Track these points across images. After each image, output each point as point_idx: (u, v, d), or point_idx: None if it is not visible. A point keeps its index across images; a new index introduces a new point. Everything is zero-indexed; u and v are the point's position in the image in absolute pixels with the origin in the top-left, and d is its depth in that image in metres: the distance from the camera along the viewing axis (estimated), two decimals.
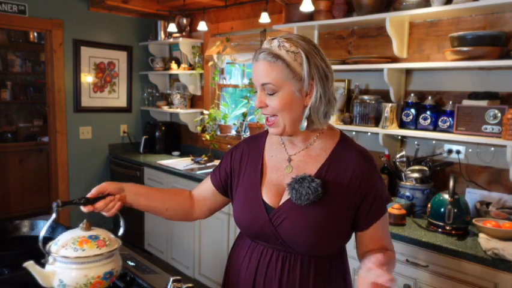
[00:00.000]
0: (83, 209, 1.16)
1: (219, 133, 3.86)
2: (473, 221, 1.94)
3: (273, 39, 1.08)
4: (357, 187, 1.10)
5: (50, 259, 1.12)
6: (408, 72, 2.54)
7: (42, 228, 1.15)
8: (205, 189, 1.35)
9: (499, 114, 2.03)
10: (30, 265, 1.08)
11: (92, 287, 1.09)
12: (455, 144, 2.33)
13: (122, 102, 4.29)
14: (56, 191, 3.95)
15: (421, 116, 2.35)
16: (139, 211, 1.44)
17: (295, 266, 1.13)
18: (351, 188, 1.10)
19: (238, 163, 1.28)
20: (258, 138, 1.30)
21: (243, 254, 1.23)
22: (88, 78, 4.00)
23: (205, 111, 3.96)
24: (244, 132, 3.62)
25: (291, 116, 1.09)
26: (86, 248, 1.10)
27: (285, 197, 1.13)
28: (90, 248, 1.10)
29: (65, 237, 1.13)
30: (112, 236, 1.19)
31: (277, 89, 1.06)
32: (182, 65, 4.03)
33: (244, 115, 3.59)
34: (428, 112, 2.33)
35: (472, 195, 2.23)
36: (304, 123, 1.10)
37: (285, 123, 1.10)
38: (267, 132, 1.29)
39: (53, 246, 1.12)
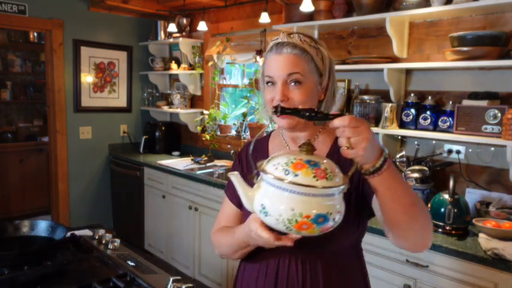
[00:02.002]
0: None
1: (219, 133, 3.86)
2: (473, 221, 1.94)
3: (290, 34, 1.10)
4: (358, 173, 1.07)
5: (259, 178, 0.93)
6: (408, 72, 2.54)
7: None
8: (232, 215, 1.24)
9: (499, 114, 2.03)
10: (235, 176, 0.94)
11: (297, 227, 0.84)
12: (455, 144, 2.33)
13: (122, 102, 4.29)
14: (56, 191, 3.95)
15: (421, 116, 2.35)
16: (138, 211, 1.43)
17: (316, 268, 1.09)
18: (354, 175, 1.07)
19: (244, 175, 1.19)
20: (260, 142, 1.28)
21: (254, 275, 1.15)
22: (88, 78, 4.00)
23: (205, 111, 3.96)
24: (244, 132, 3.62)
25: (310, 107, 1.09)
26: (299, 173, 0.85)
27: None
28: (305, 175, 0.85)
29: (280, 156, 0.92)
30: (337, 169, 0.90)
31: (303, 80, 1.07)
32: (182, 65, 4.03)
33: (244, 115, 3.59)
34: (428, 112, 2.33)
35: (472, 195, 2.23)
36: None
37: (298, 118, 1.07)
38: (267, 136, 1.28)
39: (265, 162, 0.92)
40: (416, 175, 2.28)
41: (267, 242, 0.95)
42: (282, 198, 0.85)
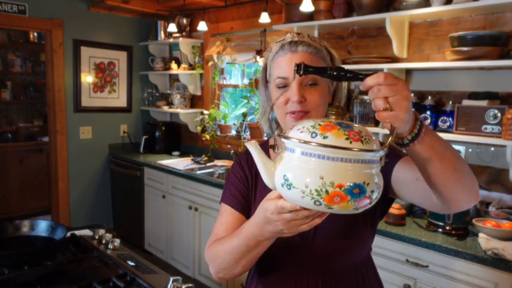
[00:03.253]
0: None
1: (219, 133, 3.86)
2: (473, 221, 1.94)
3: (299, 33, 1.07)
4: None
5: (282, 149, 0.78)
6: (408, 72, 2.54)
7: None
8: (234, 224, 1.06)
9: (499, 114, 2.03)
10: (251, 144, 0.80)
11: (328, 199, 0.69)
12: (455, 144, 2.33)
13: (122, 102, 4.29)
14: (56, 191, 3.95)
15: (421, 116, 2.35)
16: (139, 211, 1.42)
17: (339, 285, 1.03)
18: None
19: (246, 179, 1.13)
20: (261, 147, 1.22)
21: None
22: (88, 78, 4.00)
23: (205, 111, 3.96)
24: (244, 132, 3.62)
25: (323, 111, 1.03)
26: (329, 135, 0.71)
27: None
28: (336, 136, 0.70)
29: (305, 120, 0.78)
30: (371, 133, 0.76)
31: (319, 81, 1.01)
32: (182, 65, 4.03)
33: (244, 115, 3.59)
34: (428, 112, 2.33)
35: None
36: None
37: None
38: (266, 142, 1.20)
39: (289, 130, 0.79)
40: None
41: (291, 218, 0.76)
42: (308, 165, 0.70)
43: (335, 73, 0.75)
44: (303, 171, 0.70)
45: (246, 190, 1.11)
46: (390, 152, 0.86)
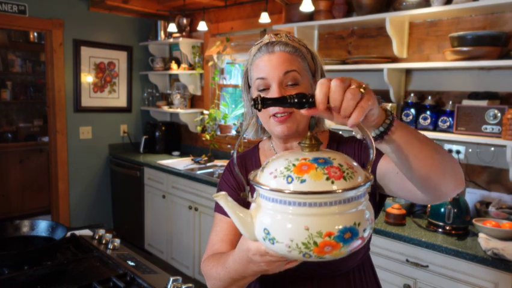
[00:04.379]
0: (303, 111, 0.69)
1: (219, 133, 3.86)
2: (473, 221, 1.94)
3: (277, 34, 1.04)
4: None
5: (255, 194, 0.72)
6: (408, 72, 2.54)
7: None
8: (229, 233, 1.05)
9: (499, 114, 2.03)
10: (221, 197, 0.70)
11: (318, 251, 0.62)
12: (455, 144, 2.33)
13: (122, 102, 4.29)
14: (56, 191, 3.95)
15: (421, 116, 2.35)
16: (139, 211, 1.42)
17: (333, 286, 1.03)
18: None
19: (237, 186, 1.11)
20: (248, 157, 1.16)
21: None
22: (88, 78, 4.00)
23: (205, 111, 3.96)
24: (244, 132, 3.62)
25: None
26: (307, 178, 0.63)
27: None
28: (315, 178, 0.63)
29: (277, 159, 0.70)
30: (354, 163, 0.70)
31: (301, 80, 0.98)
32: (182, 65, 4.03)
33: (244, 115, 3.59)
34: (428, 112, 2.33)
35: (472, 195, 2.23)
36: (325, 122, 1.06)
37: (299, 121, 0.99)
38: (255, 148, 1.17)
39: (259, 171, 0.72)
40: None
41: (276, 260, 0.74)
42: (288, 216, 0.63)
43: (295, 100, 0.67)
44: (284, 223, 0.63)
45: (237, 196, 1.07)
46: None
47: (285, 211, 0.63)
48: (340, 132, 1.20)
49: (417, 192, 0.84)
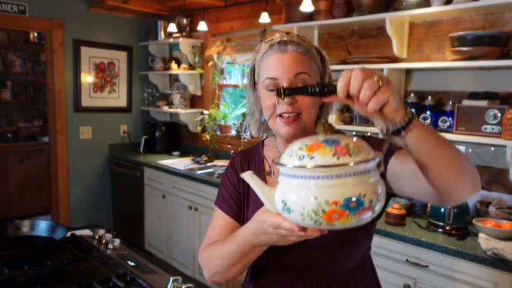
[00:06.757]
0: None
1: (219, 133, 3.86)
2: (473, 221, 1.94)
3: (288, 33, 1.03)
4: None
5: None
6: (408, 72, 2.54)
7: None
8: (227, 229, 1.08)
9: (499, 114, 2.03)
10: (249, 174, 0.82)
11: (327, 218, 0.70)
12: (455, 144, 2.33)
13: (122, 102, 4.29)
14: (56, 191, 3.95)
15: (421, 116, 2.35)
16: (139, 211, 1.41)
17: (331, 286, 1.02)
18: None
19: (238, 183, 1.11)
20: (252, 154, 1.16)
21: None
22: (88, 78, 4.00)
23: (205, 111, 3.96)
24: (244, 132, 3.62)
25: (315, 113, 1.01)
26: (315, 155, 0.72)
27: None
28: (323, 155, 0.72)
29: (295, 142, 0.79)
30: (363, 143, 0.77)
31: (309, 81, 0.97)
32: (183, 65, 4.03)
33: (244, 115, 3.59)
34: (428, 112, 2.33)
35: None
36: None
37: (306, 122, 0.99)
38: (259, 145, 1.13)
39: (283, 155, 0.80)
40: None
41: (286, 234, 0.80)
42: (301, 188, 0.72)
43: (317, 90, 0.74)
44: (298, 194, 0.73)
45: (237, 194, 1.10)
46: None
47: (297, 183, 0.73)
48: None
49: (433, 193, 0.84)
